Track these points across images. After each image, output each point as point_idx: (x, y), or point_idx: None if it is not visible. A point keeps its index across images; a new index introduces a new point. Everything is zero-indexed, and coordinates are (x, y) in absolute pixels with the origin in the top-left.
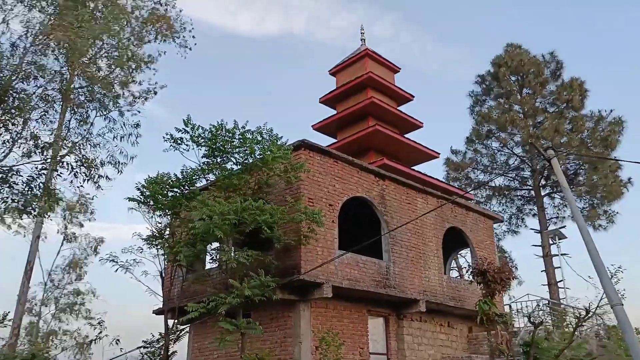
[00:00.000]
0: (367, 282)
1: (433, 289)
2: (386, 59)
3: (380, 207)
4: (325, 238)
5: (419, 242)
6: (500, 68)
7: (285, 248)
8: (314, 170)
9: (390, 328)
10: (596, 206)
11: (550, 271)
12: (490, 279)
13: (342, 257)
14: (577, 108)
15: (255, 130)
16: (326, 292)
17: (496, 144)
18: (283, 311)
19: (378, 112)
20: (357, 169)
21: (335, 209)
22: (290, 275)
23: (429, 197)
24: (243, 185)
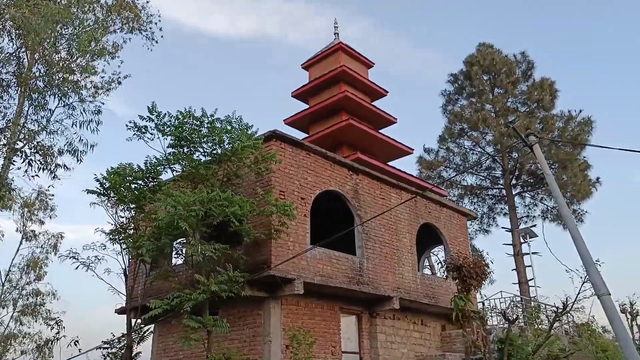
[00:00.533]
0: (340, 278)
1: (407, 285)
2: (360, 54)
3: (354, 202)
4: (296, 233)
5: (393, 238)
6: (472, 67)
7: (255, 243)
8: (285, 162)
9: (363, 326)
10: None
11: (521, 270)
12: (466, 274)
13: (314, 253)
14: (548, 108)
15: (224, 119)
16: (297, 289)
17: (468, 143)
18: (252, 309)
19: (351, 107)
20: (330, 162)
21: (308, 202)
22: (260, 271)
23: (403, 193)
24: (211, 176)
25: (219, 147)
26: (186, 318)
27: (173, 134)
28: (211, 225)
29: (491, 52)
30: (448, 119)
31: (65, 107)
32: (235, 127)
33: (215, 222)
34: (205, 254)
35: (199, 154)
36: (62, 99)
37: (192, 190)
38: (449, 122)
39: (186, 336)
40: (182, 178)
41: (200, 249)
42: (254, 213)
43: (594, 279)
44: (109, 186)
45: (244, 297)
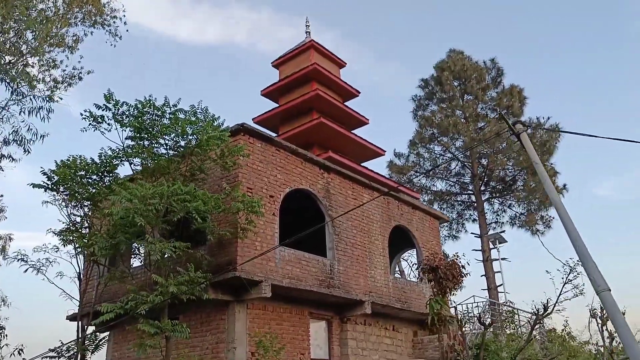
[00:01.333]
0: (310, 281)
1: (379, 289)
2: (332, 53)
3: (325, 202)
4: (264, 232)
5: (365, 240)
6: (443, 72)
7: (220, 242)
8: (254, 157)
9: (334, 332)
10: (534, 212)
11: (491, 275)
12: (442, 275)
13: (283, 254)
14: (517, 114)
15: (188, 110)
16: (264, 292)
17: (439, 148)
18: (216, 313)
19: (323, 106)
20: (301, 160)
21: (277, 200)
22: (225, 272)
23: (375, 193)
24: (173, 171)
25: (182, 139)
26: (141, 322)
27: (132, 125)
28: (172, 223)
29: (462, 58)
30: (419, 123)
31: (13, 94)
32: (200, 119)
33: (176, 219)
34: (164, 252)
35: (160, 148)
36: (9, 85)
37: (152, 184)
38: (420, 127)
39: (141, 342)
40: (141, 173)
41: (159, 246)
42: (218, 210)
43: (592, 275)
44: (58, 180)
45: (207, 300)
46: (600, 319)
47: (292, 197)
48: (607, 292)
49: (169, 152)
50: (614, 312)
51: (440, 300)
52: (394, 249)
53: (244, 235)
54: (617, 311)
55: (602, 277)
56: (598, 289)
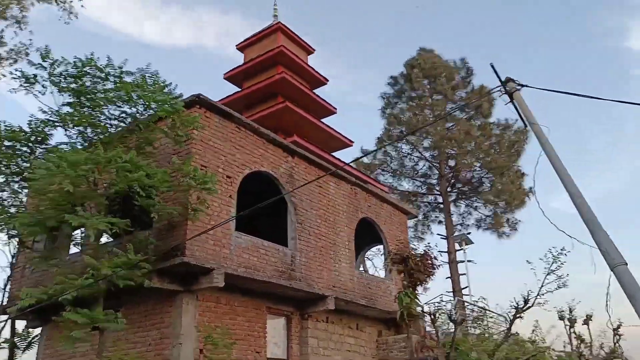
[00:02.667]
0: (269, 271)
1: (343, 284)
2: (300, 38)
3: (288, 187)
4: (219, 215)
5: (330, 231)
6: (413, 69)
7: (169, 226)
8: (210, 133)
9: (293, 329)
10: (500, 214)
11: (456, 278)
12: (413, 266)
13: (239, 241)
14: (486, 115)
15: (137, 73)
16: (217, 281)
17: (407, 147)
18: (162, 305)
19: (289, 91)
20: (264, 140)
21: (234, 182)
22: (172, 258)
23: (342, 183)
24: (117, 141)
25: (127, 106)
26: (68, 312)
27: (70, 90)
28: (113, 200)
29: (432, 56)
30: (387, 120)
31: None
32: (149, 84)
33: (115, 192)
34: (99, 230)
35: (103, 118)
36: None
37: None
38: (388, 124)
39: (67, 335)
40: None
41: (92, 221)
42: (166, 187)
43: (605, 247)
44: None
45: (152, 291)
46: (569, 320)
47: (251, 180)
48: (624, 266)
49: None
50: (634, 290)
51: (410, 294)
52: (359, 244)
53: (195, 216)
54: (638, 289)
55: (616, 250)
56: (613, 263)
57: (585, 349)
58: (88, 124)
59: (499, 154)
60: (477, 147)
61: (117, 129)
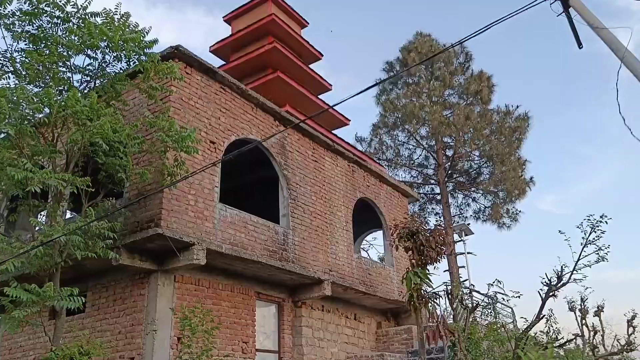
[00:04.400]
0: (258, 250)
1: (340, 268)
2: (293, 9)
3: (280, 159)
4: (201, 184)
5: (326, 210)
6: (409, 54)
7: (142, 195)
8: (191, 91)
9: (285, 318)
10: (499, 204)
11: (454, 271)
12: (424, 242)
13: (225, 214)
14: (486, 101)
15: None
16: (197, 258)
17: (403, 136)
18: (133, 287)
19: (281, 64)
20: (252, 105)
21: (219, 149)
22: (144, 230)
23: (339, 159)
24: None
25: (92, 52)
26: (12, 287)
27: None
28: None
29: (429, 40)
30: (383, 107)
31: None
32: (118, 26)
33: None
34: (50, 183)
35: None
36: None
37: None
38: (384, 111)
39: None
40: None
41: (40, 175)
42: (135, 144)
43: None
44: None
45: (122, 271)
46: (580, 311)
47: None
48: None
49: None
50: None
51: (420, 273)
52: (357, 229)
53: (171, 180)
54: None
55: None
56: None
57: (599, 341)
58: (47, 76)
59: (499, 141)
60: (476, 133)
61: (81, 84)
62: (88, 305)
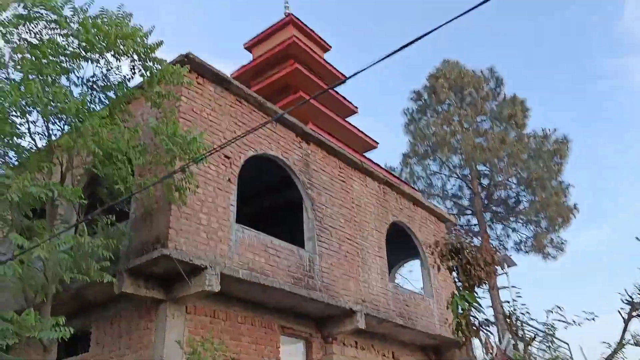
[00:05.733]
0: (280, 277)
1: (374, 299)
2: (315, 32)
3: (303, 177)
4: (214, 202)
5: (356, 233)
6: (438, 80)
7: (148, 215)
8: (203, 103)
9: (314, 356)
10: (542, 233)
11: (497, 306)
12: (470, 260)
13: (242, 236)
14: (521, 125)
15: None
16: (210, 283)
17: (435, 165)
18: (139, 320)
19: (303, 86)
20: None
21: (234, 164)
22: (149, 253)
23: (368, 179)
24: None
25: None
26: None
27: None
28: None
29: (457, 66)
30: (412, 135)
31: None
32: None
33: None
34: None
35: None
36: None
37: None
38: (414, 139)
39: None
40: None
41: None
42: (137, 152)
43: None
44: None
45: (127, 302)
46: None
47: (253, 166)
48: None
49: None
50: None
51: (468, 296)
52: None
53: (181, 199)
54: None
55: None
56: None
57: None
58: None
59: (538, 166)
60: (513, 158)
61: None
62: (92, 343)
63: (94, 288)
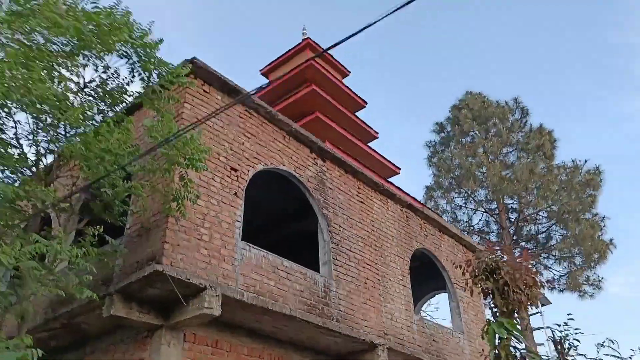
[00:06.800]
0: (291, 302)
1: (398, 332)
2: (333, 57)
3: (318, 196)
4: (218, 217)
5: (377, 259)
6: (461, 111)
7: (143, 231)
8: (208, 111)
9: None
10: (577, 271)
11: (532, 348)
12: (508, 281)
13: (249, 255)
14: (549, 156)
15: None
16: (210, 306)
17: (460, 199)
18: (135, 350)
19: (323, 110)
20: (284, 133)
21: (242, 177)
22: (141, 270)
23: (390, 202)
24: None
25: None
26: None
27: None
28: None
29: (480, 97)
30: (436, 167)
31: None
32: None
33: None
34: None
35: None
36: None
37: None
38: (438, 171)
39: None
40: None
41: None
42: (128, 153)
43: None
44: None
45: (124, 328)
46: None
47: (263, 183)
48: None
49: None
50: None
51: (507, 323)
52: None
53: (180, 211)
54: None
55: None
56: None
57: None
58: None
59: (570, 198)
60: (543, 190)
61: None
62: None
63: (86, 316)
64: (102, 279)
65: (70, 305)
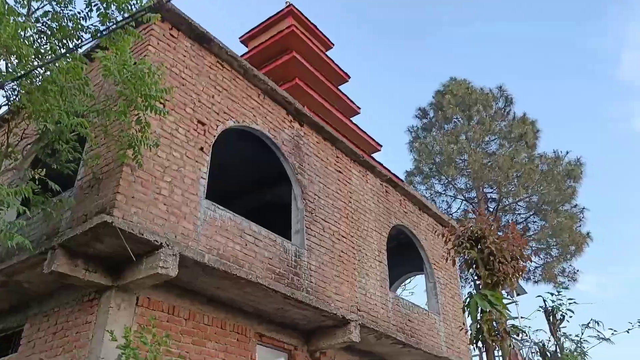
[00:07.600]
0: (258, 269)
1: (372, 309)
2: (317, 27)
3: (293, 160)
4: (180, 171)
5: (352, 232)
6: (444, 96)
7: (95, 180)
8: (175, 58)
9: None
10: (552, 262)
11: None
12: (494, 251)
13: (214, 215)
14: (531, 145)
15: None
16: (165, 265)
17: (440, 186)
18: (79, 313)
19: (304, 79)
20: (259, 91)
21: (209, 131)
22: (88, 220)
23: (369, 174)
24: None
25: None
26: None
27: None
28: None
29: (464, 83)
30: (418, 152)
31: None
32: None
33: None
34: None
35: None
36: None
37: None
38: (419, 156)
39: None
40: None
41: None
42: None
43: None
44: None
45: (70, 289)
46: None
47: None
48: None
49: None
50: None
51: (491, 296)
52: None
53: (136, 159)
54: None
55: None
56: None
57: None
58: None
59: (550, 188)
60: (524, 178)
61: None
62: (23, 342)
63: (27, 273)
64: (48, 233)
65: (9, 262)
